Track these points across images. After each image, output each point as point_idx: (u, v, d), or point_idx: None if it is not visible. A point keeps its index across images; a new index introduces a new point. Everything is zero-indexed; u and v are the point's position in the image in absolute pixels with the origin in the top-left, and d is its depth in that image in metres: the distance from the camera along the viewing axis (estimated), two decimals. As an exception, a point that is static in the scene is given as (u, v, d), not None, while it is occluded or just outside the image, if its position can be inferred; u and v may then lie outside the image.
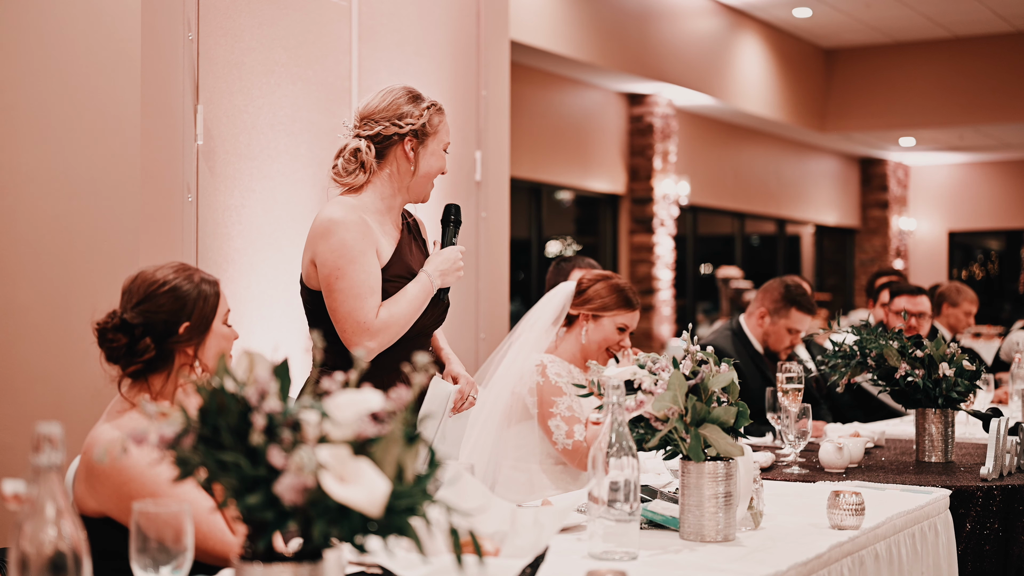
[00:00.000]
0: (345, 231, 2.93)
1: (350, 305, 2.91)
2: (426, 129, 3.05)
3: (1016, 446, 3.42)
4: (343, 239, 2.92)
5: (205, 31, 3.95)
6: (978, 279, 17.13)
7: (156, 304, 2.33)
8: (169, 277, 2.35)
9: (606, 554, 2.15)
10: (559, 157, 10.84)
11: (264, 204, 4.13)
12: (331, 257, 2.92)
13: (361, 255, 2.92)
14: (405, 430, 1.44)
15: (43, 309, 3.86)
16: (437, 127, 3.08)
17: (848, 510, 2.50)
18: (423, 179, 3.09)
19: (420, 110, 3.05)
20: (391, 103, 3.05)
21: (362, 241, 2.93)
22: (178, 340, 2.34)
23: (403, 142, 3.04)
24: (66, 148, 3.85)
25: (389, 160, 3.05)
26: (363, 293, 2.91)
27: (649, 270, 11.43)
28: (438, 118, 3.09)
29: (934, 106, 13.67)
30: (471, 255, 5.14)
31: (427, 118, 3.05)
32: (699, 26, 11.55)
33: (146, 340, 2.31)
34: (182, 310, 2.34)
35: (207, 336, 2.37)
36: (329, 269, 2.92)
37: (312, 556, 1.44)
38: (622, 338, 3.64)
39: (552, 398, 3.49)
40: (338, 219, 2.94)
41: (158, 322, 2.32)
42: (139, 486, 2.17)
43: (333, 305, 2.93)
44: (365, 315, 2.91)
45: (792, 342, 4.77)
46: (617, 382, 2.14)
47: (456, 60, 5.07)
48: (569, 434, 3.46)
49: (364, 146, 3.03)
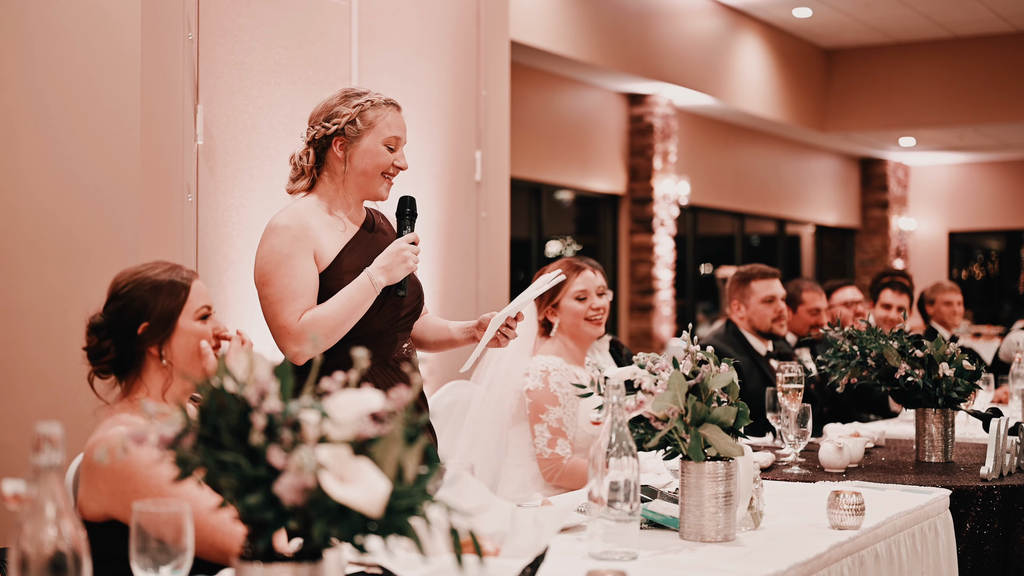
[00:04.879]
0: (276, 236, 2.92)
1: (273, 309, 2.90)
2: (356, 126, 2.99)
3: (1016, 446, 3.42)
4: (272, 244, 2.91)
5: (205, 31, 3.95)
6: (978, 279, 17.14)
7: (118, 305, 2.34)
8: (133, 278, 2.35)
9: (606, 554, 2.15)
10: (559, 157, 10.84)
11: (264, 204, 4.13)
12: (260, 264, 2.93)
13: (287, 259, 2.89)
14: (405, 430, 1.44)
15: (43, 309, 3.86)
16: (373, 121, 3.00)
17: (848, 510, 2.50)
18: (361, 177, 3.01)
19: (349, 107, 3.00)
20: (324, 105, 3.03)
21: (291, 245, 2.90)
22: (140, 340, 2.33)
23: (332, 142, 3.01)
24: (66, 148, 3.85)
25: (327, 162, 3.02)
26: (285, 297, 2.88)
27: (649, 270, 11.43)
28: (374, 113, 3.00)
29: (934, 106, 13.67)
30: (471, 255, 5.13)
31: (356, 114, 2.99)
32: (699, 26, 11.55)
33: (107, 342, 2.33)
34: (143, 309, 2.33)
35: (172, 335, 2.35)
36: (257, 276, 2.93)
37: (312, 556, 1.44)
38: (588, 306, 3.61)
39: (545, 405, 3.49)
40: (274, 225, 2.94)
41: (121, 323, 2.33)
42: (142, 485, 2.17)
43: (263, 311, 2.93)
44: (285, 319, 2.88)
45: (777, 311, 4.81)
46: (617, 382, 2.14)
47: (456, 60, 5.07)
48: (551, 443, 3.46)
49: (301, 152, 3.03)
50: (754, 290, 4.82)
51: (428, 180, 4.90)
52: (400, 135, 3.05)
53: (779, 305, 4.83)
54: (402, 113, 3.09)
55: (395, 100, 3.09)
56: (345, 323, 2.91)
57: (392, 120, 3.03)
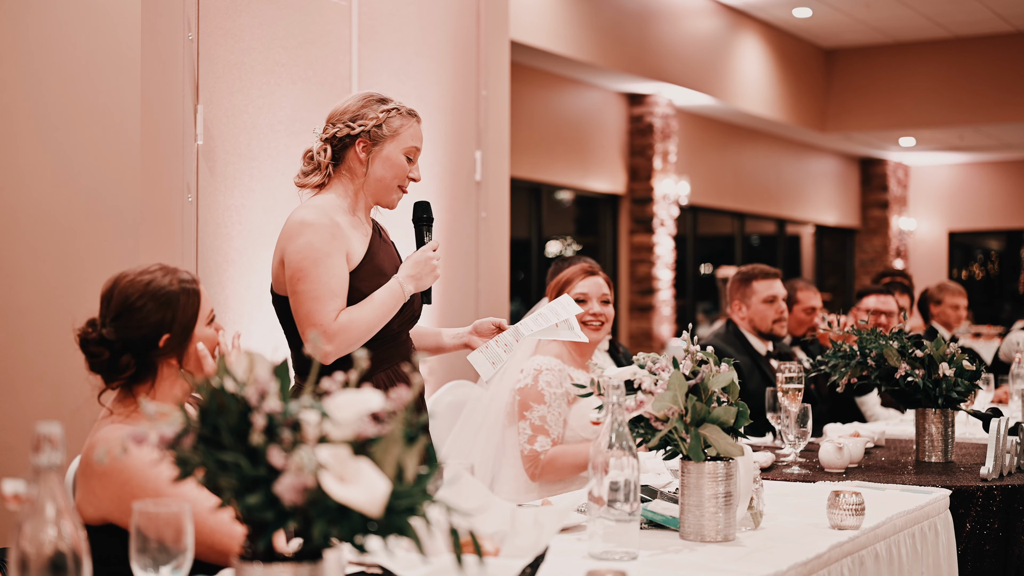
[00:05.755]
0: (313, 233, 2.90)
1: (308, 307, 2.88)
2: (382, 131, 2.99)
3: (1016, 446, 3.42)
4: (310, 241, 2.90)
5: (205, 31, 3.95)
6: (978, 279, 17.13)
7: (134, 320, 2.27)
8: (146, 289, 2.28)
9: (606, 554, 2.15)
10: (559, 157, 10.84)
11: (264, 204, 4.13)
12: (296, 258, 2.90)
13: (326, 257, 2.89)
14: (405, 430, 1.44)
15: (43, 309, 3.86)
16: (397, 130, 3.00)
17: (848, 510, 2.50)
18: (378, 184, 3.01)
19: (378, 112, 3.00)
20: (352, 104, 3.03)
21: (329, 243, 2.90)
22: (159, 353, 2.29)
23: (355, 143, 3.00)
24: (66, 148, 3.85)
25: (345, 162, 3.02)
26: (323, 296, 2.87)
27: (649, 270, 11.43)
28: (400, 122, 3.01)
29: (934, 106, 13.67)
30: (471, 255, 5.13)
31: (384, 120, 2.99)
32: (699, 26, 11.55)
33: (126, 357, 2.26)
34: (161, 322, 2.28)
35: (190, 343, 2.33)
36: (292, 270, 2.90)
37: (312, 556, 1.44)
38: (587, 309, 3.60)
39: (531, 403, 3.48)
40: (308, 221, 2.92)
41: (137, 337, 2.27)
42: (143, 483, 2.16)
43: (295, 307, 2.91)
44: (322, 317, 2.87)
45: (778, 311, 4.82)
46: (617, 382, 2.14)
47: (456, 60, 5.07)
48: (531, 440, 3.45)
49: (319, 148, 3.02)
50: (755, 290, 4.82)
51: (428, 180, 4.90)
52: (419, 147, 3.07)
53: (780, 305, 4.84)
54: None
55: (417, 112, 3.10)
56: (376, 327, 2.93)
57: (415, 132, 3.05)
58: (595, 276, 3.66)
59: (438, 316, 4.89)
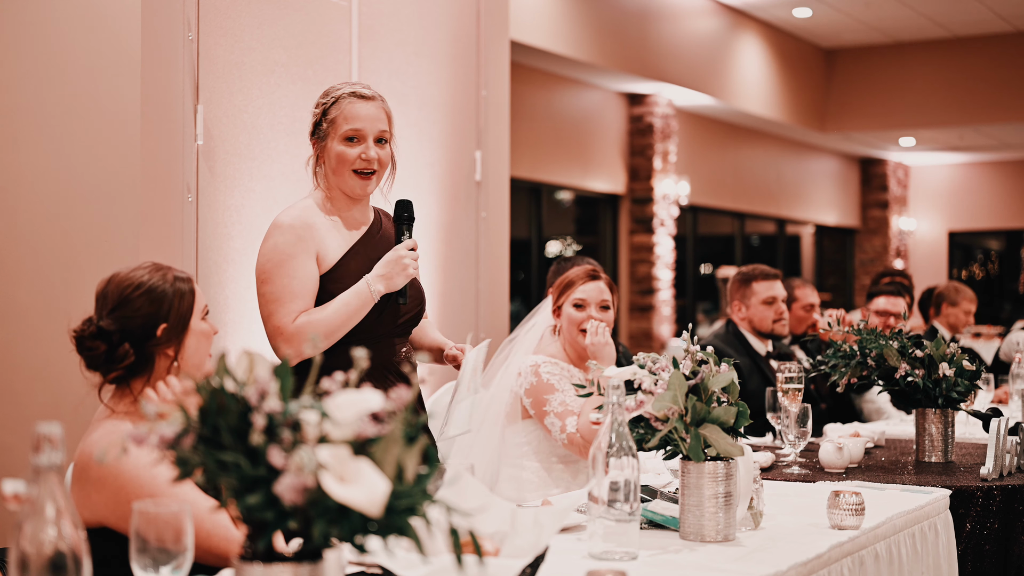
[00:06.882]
0: (280, 235, 2.90)
1: (268, 308, 2.88)
2: (323, 126, 2.99)
3: (1016, 446, 3.42)
4: (276, 243, 2.90)
5: (205, 31, 3.95)
6: (978, 279, 17.13)
7: (132, 308, 2.30)
8: (143, 279, 2.32)
9: (606, 554, 2.15)
10: (559, 157, 10.84)
11: (264, 204, 4.13)
12: (261, 260, 2.92)
13: (290, 259, 2.88)
14: (405, 430, 1.44)
15: (43, 309, 3.86)
16: (334, 119, 2.97)
17: (848, 510, 2.50)
18: (335, 177, 3.00)
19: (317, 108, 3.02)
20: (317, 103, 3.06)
21: (294, 246, 2.89)
22: (157, 343, 2.31)
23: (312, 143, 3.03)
24: (66, 148, 3.85)
25: (319, 162, 3.04)
26: (283, 297, 2.86)
27: (649, 270, 11.43)
28: (336, 110, 2.97)
29: (934, 106, 13.67)
30: (471, 255, 5.13)
31: (320, 114, 3.00)
32: (699, 26, 11.55)
33: (125, 346, 2.29)
34: (158, 312, 2.31)
35: (186, 335, 2.35)
36: (257, 272, 2.92)
37: (312, 556, 1.44)
38: (585, 315, 3.59)
39: (545, 396, 3.48)
40: (278, 223, 2.93)
41: (135, 327, 2.30)
42: (138, 488, 2.16)
43: (260, 308, 2.92)
44: (280, 319, 2.86)
45: (778, 312, 4.82)
46: (617, 382, 2.14)
47: (456, 60, 5.07)
48: (563, 428, 3.46)
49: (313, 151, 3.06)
50: (755, 291, 4.83)
51: (428, 180, 4.90)
52: (362, 125, 2.97)
53: (780, 306, 4.84)
54: (374, 102, 3.01)
55: (363, 90, 3.02)
56: (339, 329, 2.89)
57: (351, 112, 2.97)
58: (597, 281, 3.64)
59: (438, 317, 4.89)
